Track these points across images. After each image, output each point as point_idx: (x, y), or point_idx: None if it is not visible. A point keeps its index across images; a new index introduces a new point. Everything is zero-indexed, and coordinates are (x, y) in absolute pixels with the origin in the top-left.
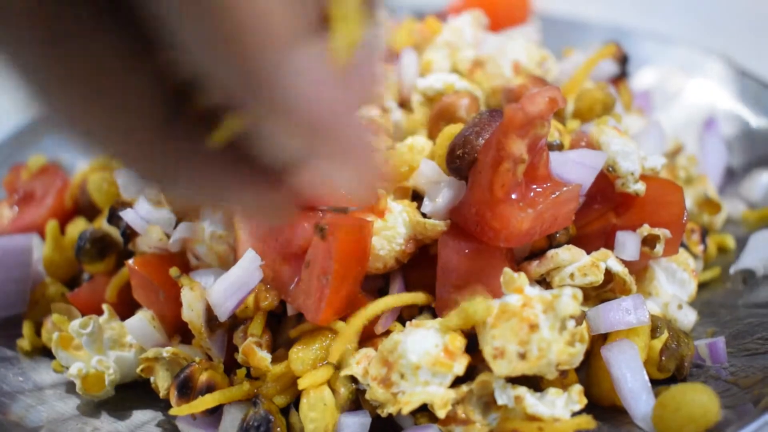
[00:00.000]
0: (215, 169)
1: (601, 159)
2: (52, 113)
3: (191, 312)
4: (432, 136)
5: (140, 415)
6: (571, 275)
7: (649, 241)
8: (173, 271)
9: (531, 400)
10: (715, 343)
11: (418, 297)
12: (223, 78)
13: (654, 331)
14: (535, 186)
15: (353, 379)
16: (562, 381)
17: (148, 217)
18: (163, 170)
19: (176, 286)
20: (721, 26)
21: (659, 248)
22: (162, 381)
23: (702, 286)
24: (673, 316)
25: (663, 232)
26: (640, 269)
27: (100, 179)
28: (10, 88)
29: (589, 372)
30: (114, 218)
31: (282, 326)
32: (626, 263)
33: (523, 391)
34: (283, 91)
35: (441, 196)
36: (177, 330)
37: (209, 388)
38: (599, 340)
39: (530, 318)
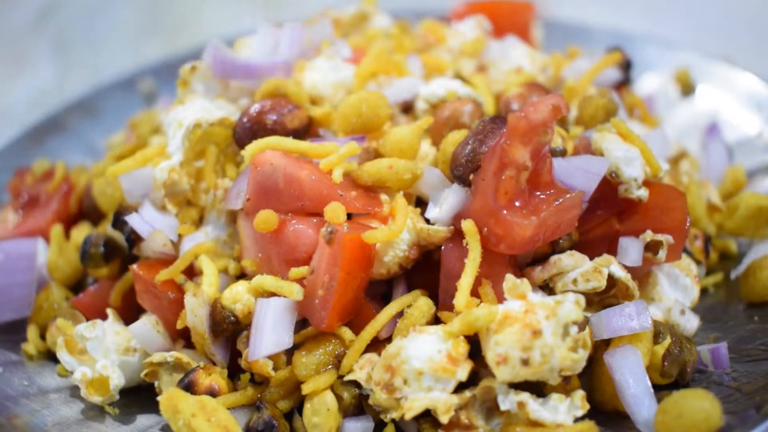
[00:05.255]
0: None
1: (604, 165)
2: None
3: (194, 318)
4: (436, 142)
5: (144, 420)
6: (574, 281)
7: (652, 247)
8: (178, 277)
9: (534, 406)
10: (717, 349)
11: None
12: None
13: (657, 337)
14: (538, 193)
15: (356, 384)
16: (565, 386)
17: (152, 222)
18: None
19: (180, 291)
20: (724, 31)
21: (662, 254)
22: (166, 385)
23: (704, 291)
24: (675, 322)
25: (666, 238)
26: (642, 275)
27: (104, 184)
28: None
29: (592, 377)
30: (118, 223)
31: None
32: (629, 269)
33: (525, 396)
34: None
35: (445, 202)
36: (181, 335)
37: (213, 393)
38: (602, 345)
39: (533, 324)
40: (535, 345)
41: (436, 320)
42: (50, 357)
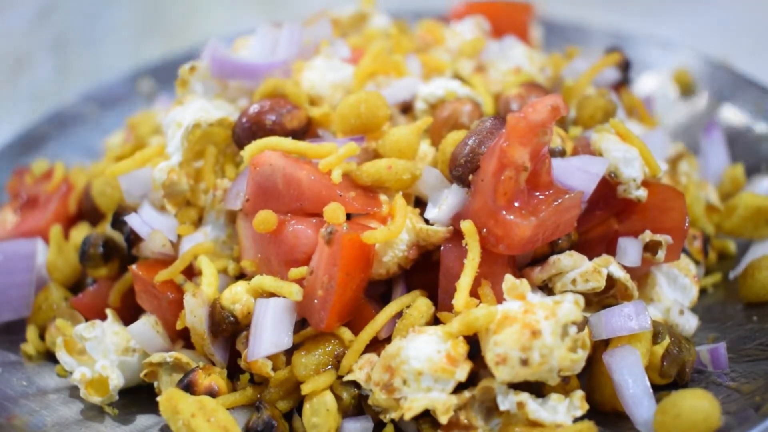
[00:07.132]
0: None
1: (603, 165)
2: None
3: (194, 318)
4: (435, 143)
5: (144, 420)
6: (573, 281)
7: (650, 247)
8: (178, 278)
9: (533, 406)
10: (716, 349)
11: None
12: None
13: (656, 337)
14: (537, 193)
15: (356, 384)
16: (564, 387)
17: (151, 222)
18: None
19: (180, 292)
20: (723, 31)
21: (661, 254)
22: (166, 386)
23: (703, 291)
24: (674, 322)
25: (665, 238)
26: (641, 275)
27: (103, 184)
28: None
29: (591, 378)
30: (118, 223)
31: None
32: (628, 269)
33: (525, 396)
34: None
35: (444, 203)
36: (180, 335)
37: (212, 393)
38: (601, 345)
39: (532, 324)
40: (534, 345)
41: (435, 321)
42: (49, 357)
